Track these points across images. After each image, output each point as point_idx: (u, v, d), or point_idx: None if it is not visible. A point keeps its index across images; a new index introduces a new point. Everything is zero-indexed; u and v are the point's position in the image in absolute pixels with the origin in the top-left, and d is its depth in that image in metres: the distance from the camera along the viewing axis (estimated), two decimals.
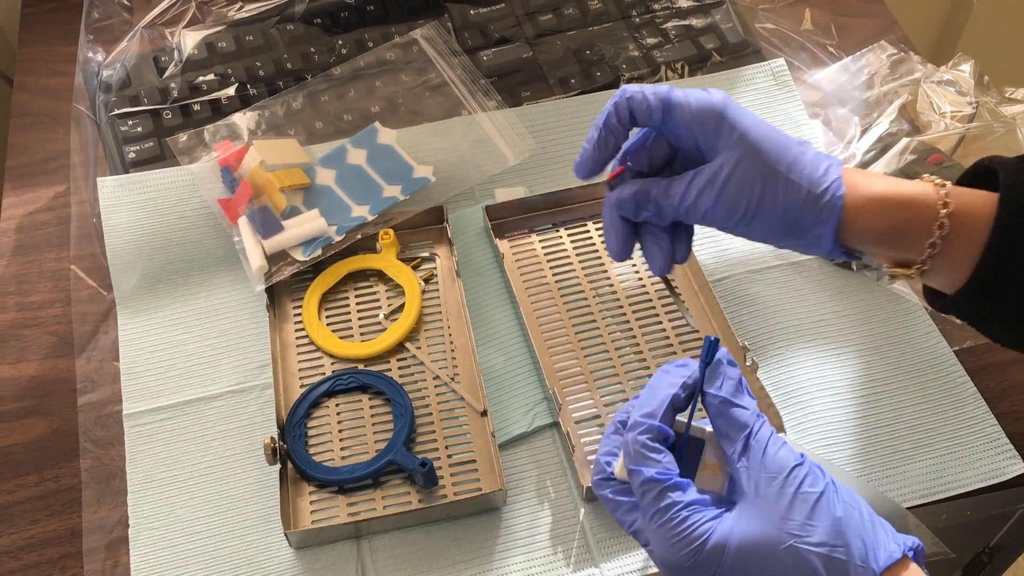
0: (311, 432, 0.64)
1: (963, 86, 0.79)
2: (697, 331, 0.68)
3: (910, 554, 0.46)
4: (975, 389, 0.66)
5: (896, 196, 0.53)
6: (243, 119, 0.76)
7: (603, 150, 0.58)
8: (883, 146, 0.75)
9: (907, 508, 0.60)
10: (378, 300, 0.71)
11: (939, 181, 0.53)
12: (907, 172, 0.73)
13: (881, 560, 0.44)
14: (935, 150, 0.74)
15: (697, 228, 0.71)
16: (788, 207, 0.53)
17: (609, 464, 0.50)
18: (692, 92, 0.55)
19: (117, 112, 0.78)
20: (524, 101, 0.81)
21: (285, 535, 0.59)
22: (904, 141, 0.75)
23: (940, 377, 0.67)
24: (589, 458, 0.62)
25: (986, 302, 0.52)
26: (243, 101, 0.79)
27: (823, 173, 0.53)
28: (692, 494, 0.46)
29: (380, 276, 0.72)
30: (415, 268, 0.72)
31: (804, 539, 0.44)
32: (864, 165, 0.74)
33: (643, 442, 0.47)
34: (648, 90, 0.55)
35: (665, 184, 0.56)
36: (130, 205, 0.73)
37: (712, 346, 0.48)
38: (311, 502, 0.61)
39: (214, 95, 0.79)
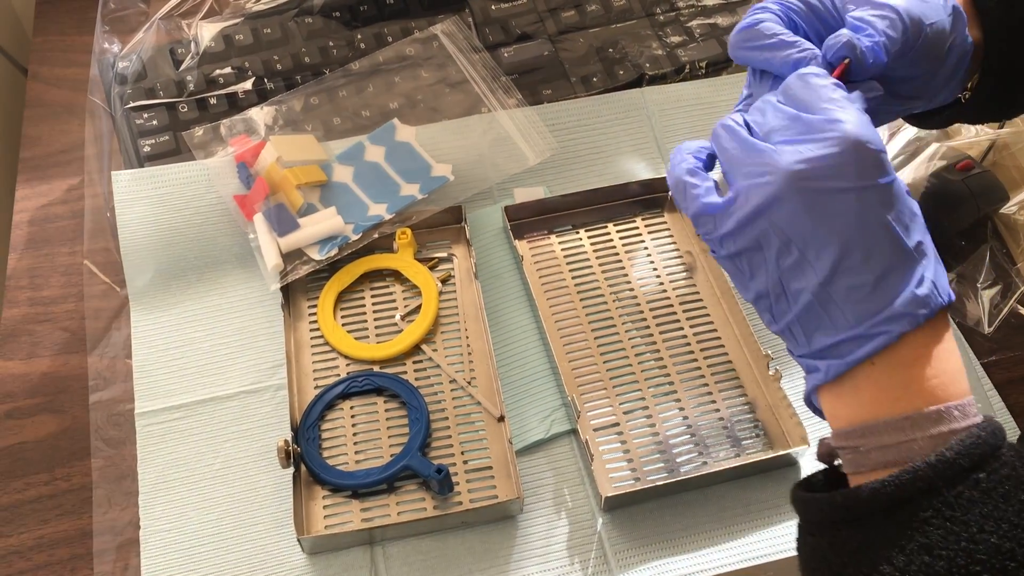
0: (325, 435, 0.63)
1: None
2: (718, 336, 0.67)
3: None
4: (1003, 403, 0.65)
5: None
6: (260, 114, 0.75)
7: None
8: (912, 151, 0.74)
9: None
10: (394, 301, 0.70)
11: None
12: (936, 178, 0.71)
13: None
14: (965, 156, 0.73)
15: None
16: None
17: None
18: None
19: (132, 105, 0.77)
20: (545, 99, 0.79)
21: (298, 540, 0.58)
22: (933, 146, 0.73)
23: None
24: (608, 467, 0.61)
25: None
26: (260, 95, 0.78)
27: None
28: None
29: (397, 276, 0.71)
30: (432, 268, 0.71)
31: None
32: None
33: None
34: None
35: None
36: (145, 200, 0.72)
37: None
38: (324, 507, 0.60)
39: (231, 89, 0.78)
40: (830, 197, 0.40)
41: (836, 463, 0.44)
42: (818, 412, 0.45)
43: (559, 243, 0.72)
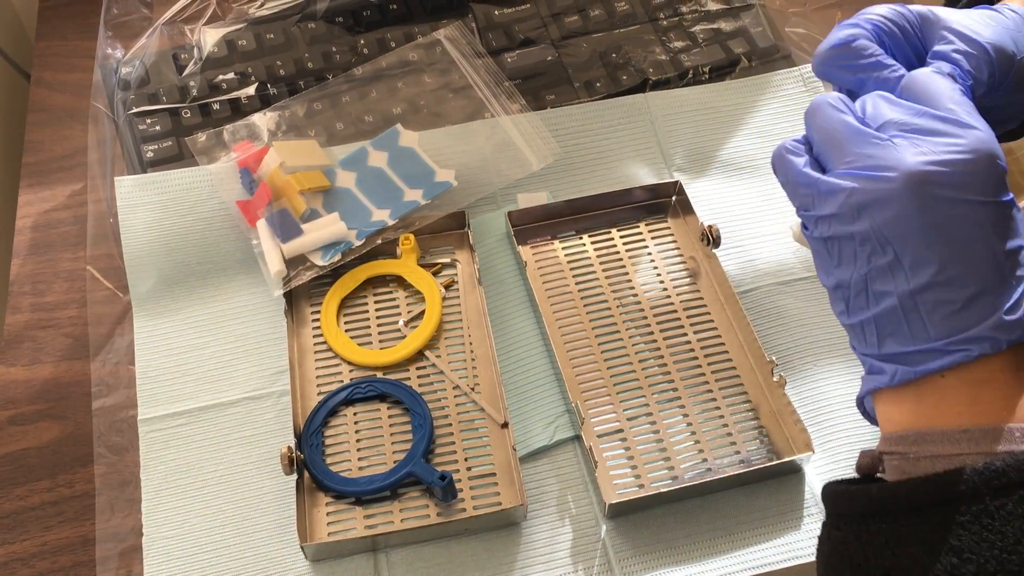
0: (328, 441, 0.63)
1: None
2: (722, 342, 0.67)
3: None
4: None
5: None
6: (263, 119, 0.75)
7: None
8: None
9: None
10: (398, 306, 0.70)
11: None
12: None
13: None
14: None
15: (724, 240, 0.70)
16: None
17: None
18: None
19: (135, 110, 0.77)
20: (548, 104, 0.79)
21: (301, 547, 0.57)
22: None
23: None
24: (612, 473, 0.61)
25: None
26: (263, 101, 0.78)
27: None
28: None
29: (400, 282, 0.71)
30: (435, 274, 0.71)
31: None
32: None
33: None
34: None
35: None
36: (147, 205, 0.72)
37: None
38: (328, 514, 0.60)
39: (234, 94, 0.78)
40: (948, 206, 0.38)
41: (877, 475, 0.42)
42: (867, 414, 0.44)
43: (563, 248, 0.72)
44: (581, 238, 0.73)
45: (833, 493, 0.41)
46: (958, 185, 0.38)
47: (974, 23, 0.46)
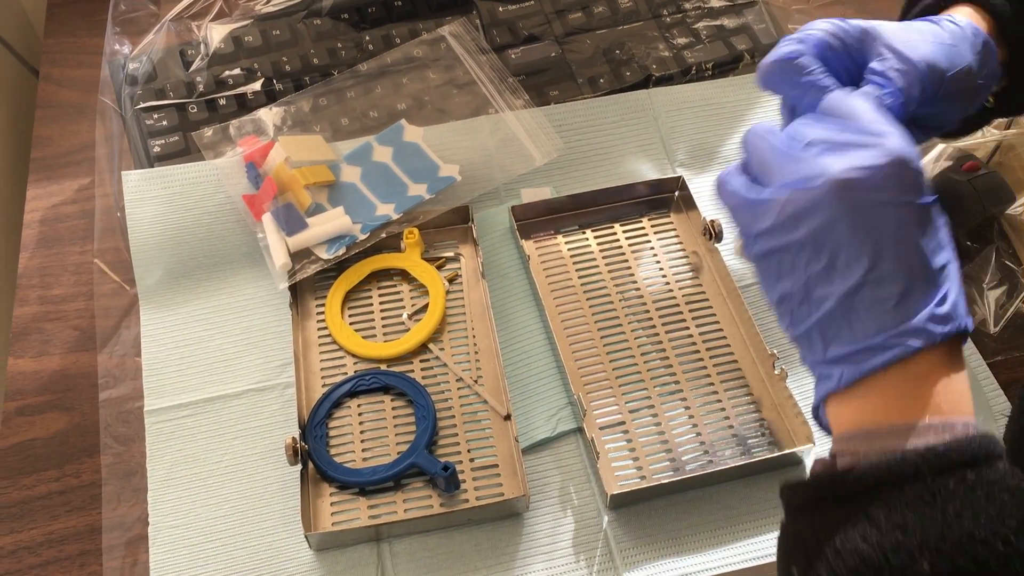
0: (332, 433, 0.63)
1: None
2: (724, 336, 0.67)
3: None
4: (1008, 403, 0.65)
5: None
6: (269, 114, 0.76)
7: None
8: (918, 152, 0.74)
9: None
10: (402, 300, 0.70)
11: None
12: (943, 179, 0.71)
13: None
14: (971, 157, 0.73)
15: (726, 234, 0.70)
16: None
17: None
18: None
19: (143, 105, 0.77)
20: (552, 100, 0.80)
21: (305, 537, 0.58)
22: (940, 147, 0.73)
23: (972, 390, 0.65)
24: (613, 465, 0.61)
25: None
26: (269, 96, 0.79)
27: None
28: None
29: (404, 275, 0.71)
30: (439, 268, 0.71)
31: None
32: None
33: None
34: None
35: None
36: (154, 199, 0.72)
37: None
38: (332, 504, 0.60)
39: (240, 90, 0.79)
40: (871, 209, 0.40)
41: None
42: (822, 424, 0.45)
43: (566, 243, 0.73)
44: (584, 233, 0.73)
45: (787, 487, 0.43)
46: (878, 188, 0.40)
47: (911, 39, 0.49)
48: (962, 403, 0.41)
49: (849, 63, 0.50)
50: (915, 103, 0.48)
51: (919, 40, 0.49)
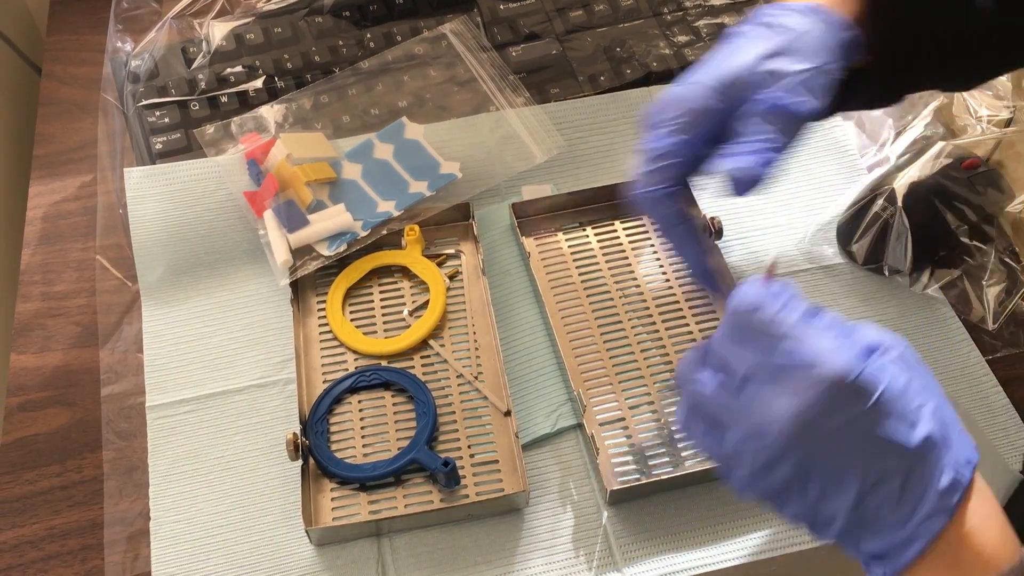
0: (333, 428, 0.64)
1: (1000, 90, 0.77)
2: None
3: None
4: (1007, 399, 0.65)
5: None
6: (270, 112, 0.76)
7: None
8: (918, 150, 0.74)
9: None
10: (402, 296, 0.70)
11: None
12: (942, 177, 0.72)
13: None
14: (971, 155, 0.73)
15: (726, 230, 0.71)
16: None
17: None
18: None
19: (145, 103, 0.78)
20: (553, 98, 0.80)
21: (306, 532, 0.58)
22: (939, 145, 0.73)
23: (971, 386, 0.66)
24: (613, 461, 0.62)
25: None
26: (270, 94, 0.79)
27: None
28: None
29: (405, 272, 0.71)
30: (440, 265, 0.71)
31: None
32: (898, 169, 0.73)
33: None
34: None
35: None
36: (156, 196, 0.73)
37: None
38: (332, 499, 0.61)
39: (242, 87, 0.79)
40: (833, 434, 0.41)
41: None
42: None
43: (566, 240, 0.73)
44: (584, 230, 0.74)
45: None
46: (823, 416, 0.41)
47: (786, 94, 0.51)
48: (1007, 542, 0.42)
49: (716, 127, 0.53)
50: (782, 151, 0.51)
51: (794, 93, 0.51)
